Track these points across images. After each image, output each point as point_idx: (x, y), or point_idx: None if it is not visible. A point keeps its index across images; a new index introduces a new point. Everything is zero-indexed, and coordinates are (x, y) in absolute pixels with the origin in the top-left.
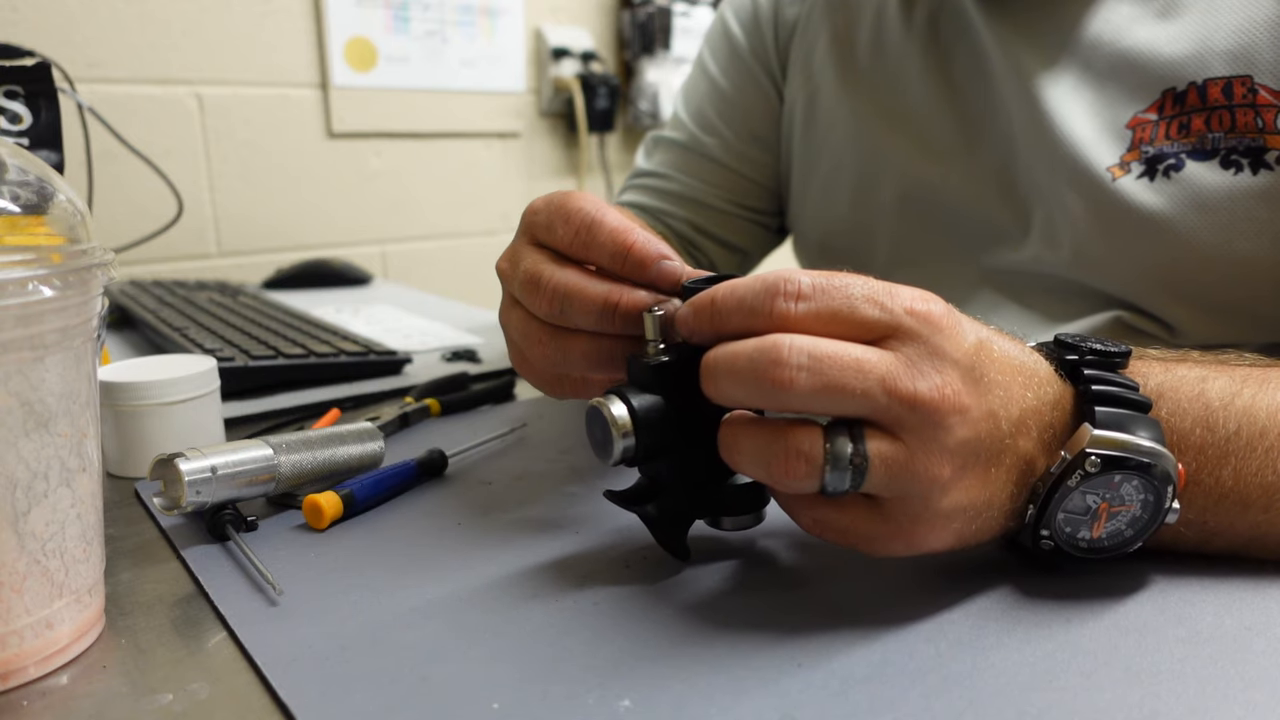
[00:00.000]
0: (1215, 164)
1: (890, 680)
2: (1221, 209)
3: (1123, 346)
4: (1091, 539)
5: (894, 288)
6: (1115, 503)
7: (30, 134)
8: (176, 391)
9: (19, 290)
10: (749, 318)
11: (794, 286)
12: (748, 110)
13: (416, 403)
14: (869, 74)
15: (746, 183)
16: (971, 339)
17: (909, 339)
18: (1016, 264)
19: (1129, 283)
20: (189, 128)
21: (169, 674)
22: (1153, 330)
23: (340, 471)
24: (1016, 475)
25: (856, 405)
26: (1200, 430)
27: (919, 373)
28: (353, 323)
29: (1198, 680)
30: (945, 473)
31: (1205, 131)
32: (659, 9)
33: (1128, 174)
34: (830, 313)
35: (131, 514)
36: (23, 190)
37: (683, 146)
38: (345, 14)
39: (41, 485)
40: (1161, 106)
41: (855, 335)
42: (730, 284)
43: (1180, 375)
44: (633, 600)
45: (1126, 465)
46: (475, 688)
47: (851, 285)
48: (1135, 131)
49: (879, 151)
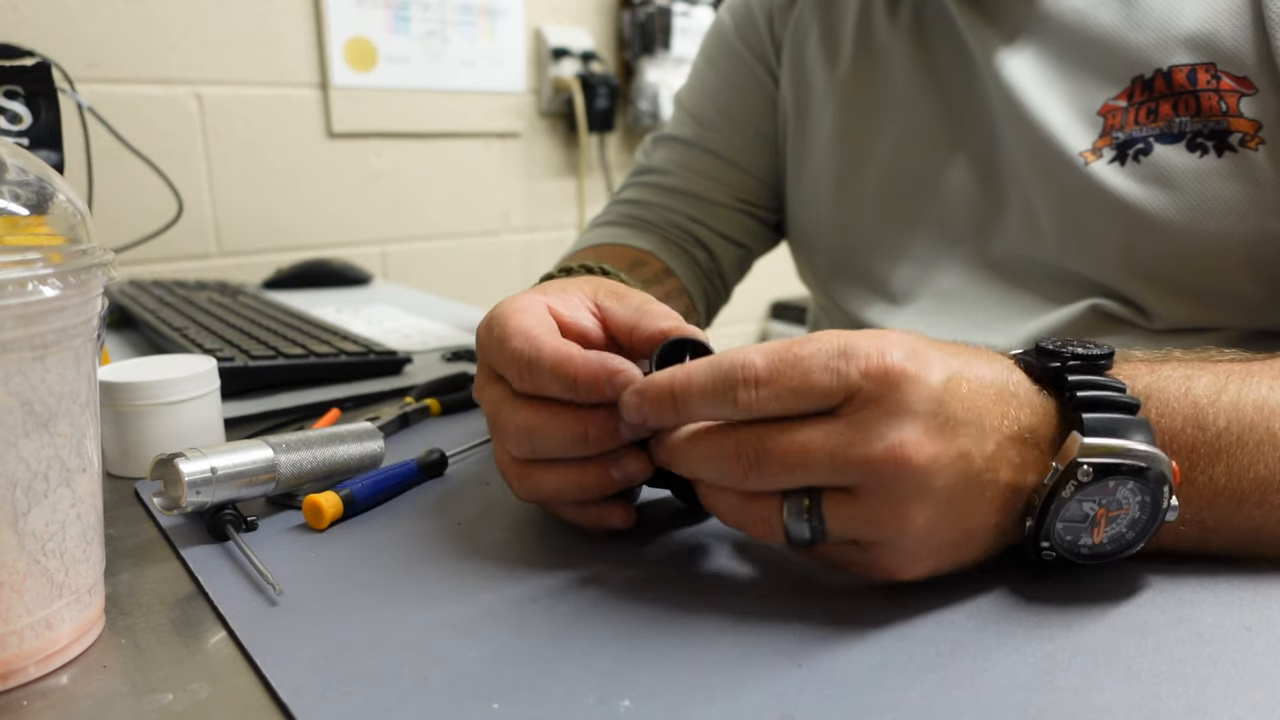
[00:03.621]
0: (1182, 147)
1: (890, 680)
2: (1189, 190)
3: (1106, 348)
4: (1093, 544)
5: (851, 346)
6: (1113, 507)
7: (30, 134)
8: (176, 391)
9: (19, 290)
10: (714, 408)
11: (751, 373)
12: (748, 106)
13: (416, 403)
14: (855, 68)
15: (748, 178)
16: (937, 380)
17: (866, 402)
18: (999, 252)
19: (1104, 266)
20: (189, 128)
21: (169, 674)
22: (1129, 316)
23: (340, 471)
24: (1001, 503)
25: (809, 479)
26: (1190, 429)
27: (874, 435)
28: (353, 323)
29: (1198, 680)
30: (916, 520)
31: (1173, 116)
32: (659, 9)
33: (1099, 159)
34: (789, 392)
35: (131, 514)
36: (23, 190)
37: (685, 143)
38: (345, 14)
39: (41, 485)
40: (1131, 93)
41: (815, 406)
42: (687, 374)
43: (1166, 375)
44: (633, 600)
45: (1120, 471)
46: (475, 688)
47: (806, 358)
48: (1107, 118)
49: (864, 144)
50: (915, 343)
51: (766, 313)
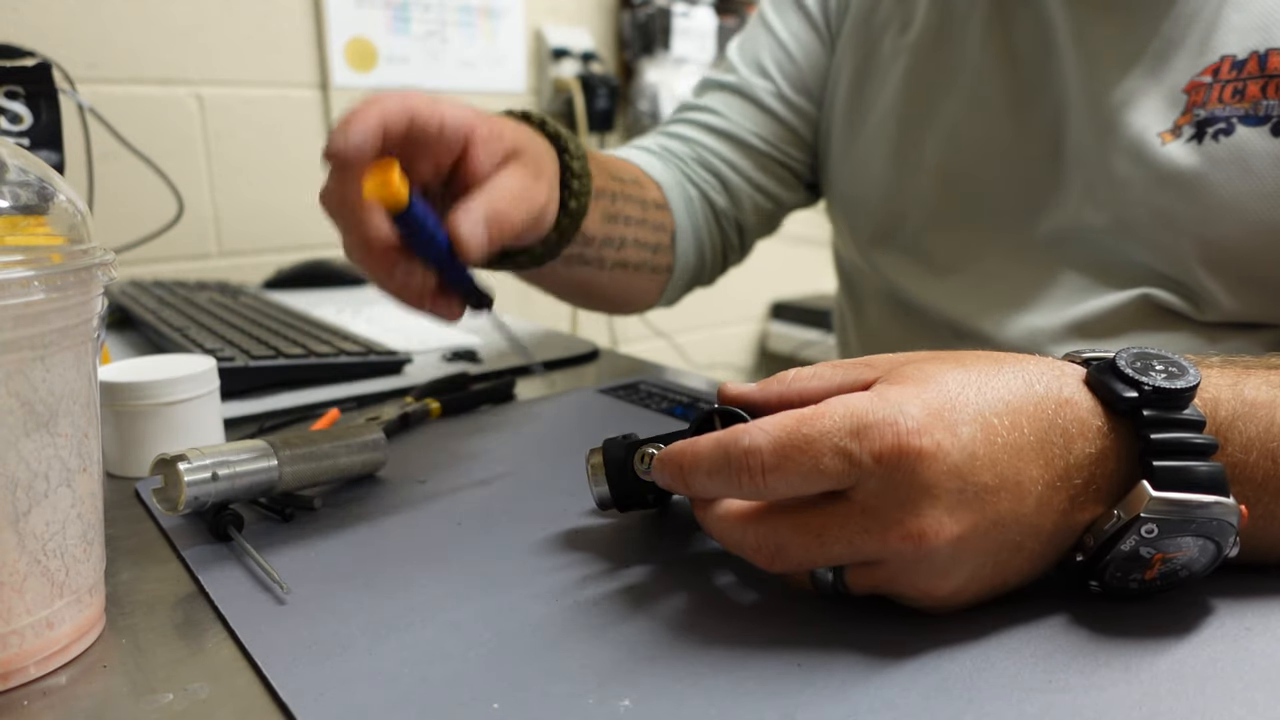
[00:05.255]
0: (1266, 130)
1: (890, 680)
2: (1268, 176)
3: (1190, 373)
4: (1144, 580)
5: (863, 423)
6: (1171, 549)
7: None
8: (176, 391)
9: (19, 290)
10: (722, 489)
11: (756, 460)
12: (804, 62)
13: (416, 403)
14: (927, 34)
15: (789, 132)
16: (962, 445)
17: (880, 485)
18: (1054, 229)
19: (1166, 250)
20: (189, 128)
21: (169, 674)
22: (1181, 308)
23: (341, 472)
24: (1045, 550)
25: (831, 561)
26: (1266, 463)
27: (890, 522)
28: (353, 323)
29: (1198, 680)
30: (944, 588)
31: (1260, 98)
32: (659, 9)
33: (1178, 138)
34: (799, 478)
35: (131, 514)
36: (23, 190)
37: (733, 88)
38: (345, 14)
39: (42, 485)
40: (1218, 70)
41: (827, 488)
42: (695, 452)
43: (1251, 402)
44: (633, 600)
45: (1186, 530)
46: (475, 688)
47: (816, 439)
48: (1190, 95)
49: (927, 111)
50: (940, 392)
51: (767, 313)
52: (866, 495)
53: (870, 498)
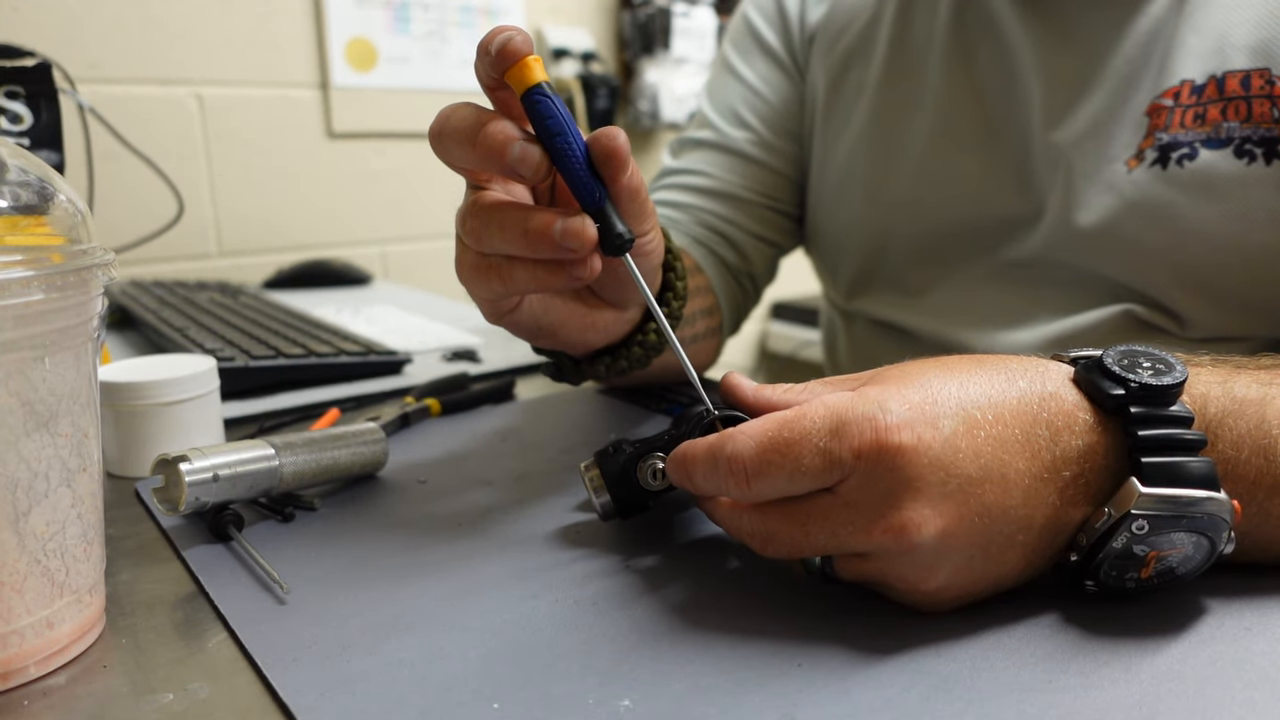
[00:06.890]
0: (1229, 153)
1: (890, 680)
2: (1234, 198)
3: (1177, 369)
4: (1140, 579)
5: (842, 421)
6: (1165, 547)
7: (31, 134)
8: (176, 391)
9: (19, 290)
10: (715, 490)
11: (739, 466)
12: (777, 103)
13: (417, 403)
14: (891, 65)
15: (776, 177)
16: (944, 438)
17: (862, 481)
18: (1029, 255)
19: (1141, 273)
20: (189, 128)
21: (169, 674)
22: (1163, 324)
23: (342, 472)
24: (1037, 544)
25: (820, 552)
26: (1258, 460)
27: (873, 516)
28: (353, 323)
29: (1198, 680)
30: (930, 581)
31: (1220, 121)
32: (659, 9)
33: (1142, 163)
34: (783, 480)
35: (131, 514)
36: (23, 190)
37: (711, 144)
38: (345, 14)
39: (42, 485)
40: (1178, 94)
41: (812, 487)
42: (691, 458)
43: (1241, 399)
44: (633, 600)
45: (1178, 526)
46: (475, 688)
47: (796, 442)
48: (1151, 118)
49: (896, 143)
50: (922, 390)
51: (767, 313)
52: (850, 490)
53: (853, 493)
